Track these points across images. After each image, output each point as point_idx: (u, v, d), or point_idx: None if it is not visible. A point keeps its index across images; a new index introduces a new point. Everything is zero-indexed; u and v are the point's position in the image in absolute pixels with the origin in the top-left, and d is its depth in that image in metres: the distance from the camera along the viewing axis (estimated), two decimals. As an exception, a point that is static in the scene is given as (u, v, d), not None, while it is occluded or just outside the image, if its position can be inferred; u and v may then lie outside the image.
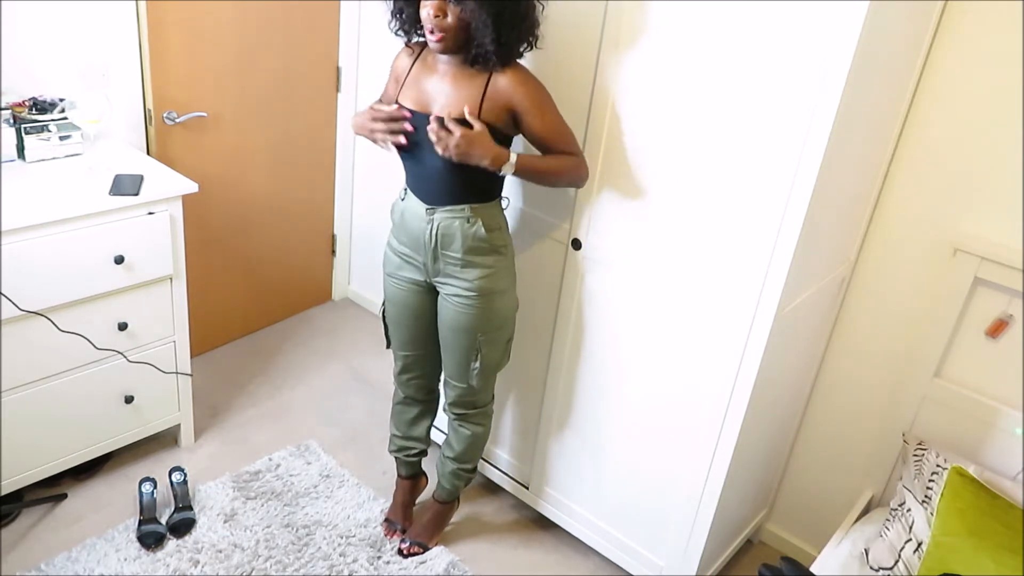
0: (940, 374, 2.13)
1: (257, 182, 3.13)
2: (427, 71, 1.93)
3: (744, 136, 1.76)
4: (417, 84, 1.94)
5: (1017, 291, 1.96)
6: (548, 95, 1.90)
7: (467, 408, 2.26)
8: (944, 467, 2.01)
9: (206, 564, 2.27)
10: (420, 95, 1.92)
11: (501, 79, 1.85)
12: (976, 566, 1.78)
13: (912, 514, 2.02)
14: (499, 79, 1.85)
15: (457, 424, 2.30)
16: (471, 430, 2.30)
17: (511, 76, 1.85)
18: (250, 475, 2.60)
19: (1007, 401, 2.04)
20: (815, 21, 1.59)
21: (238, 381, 3.08)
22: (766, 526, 2.64)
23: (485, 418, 2.31)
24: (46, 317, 2.13)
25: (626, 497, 2.28)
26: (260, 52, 2.92)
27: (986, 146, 1.94)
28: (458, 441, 2.32)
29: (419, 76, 1.94)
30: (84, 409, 2.34)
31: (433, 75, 1.92)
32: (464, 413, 2.27)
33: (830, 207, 1.84)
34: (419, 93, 1.93)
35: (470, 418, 2.28)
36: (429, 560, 2.38)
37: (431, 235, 1.99)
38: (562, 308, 2.24)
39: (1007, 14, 1.83)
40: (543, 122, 1.89)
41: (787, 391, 2.23)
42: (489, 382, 2.23)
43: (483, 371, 2.15)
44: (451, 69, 1.89)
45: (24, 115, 2.28)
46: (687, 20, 1.77)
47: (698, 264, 1.92)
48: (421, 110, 1.91)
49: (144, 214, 2.23)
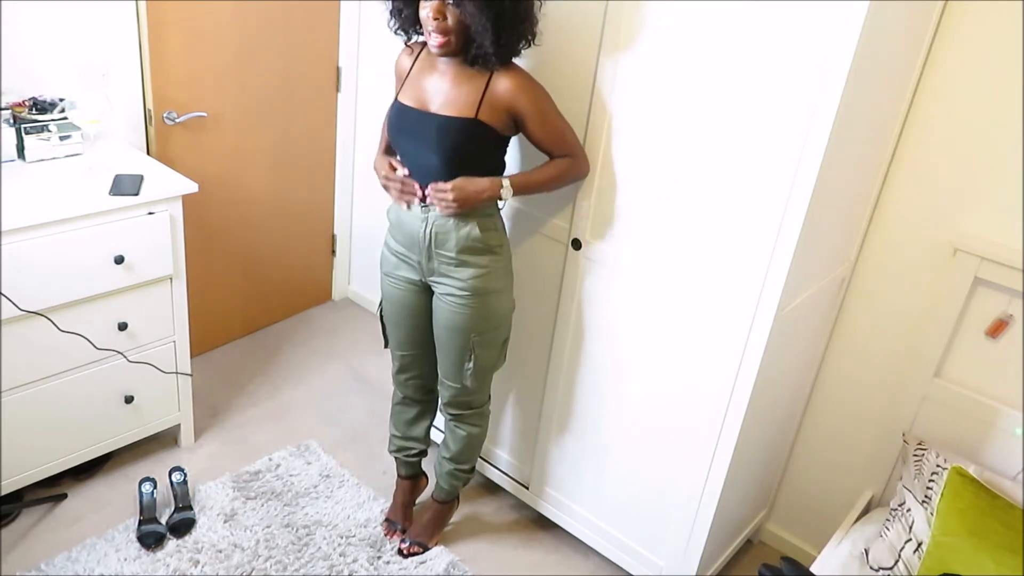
0: (940, 374, 2.13)
1: (257, 182, 3.13)
2: (427, 70, 1.95)
3: (744, 136, 1.76)
4: (417, 83, 1.95)
5: (1017, 291, 1.96)
6: (549, 98, 1.91)
7: (462, 408, 2.25)
8: (944, 467, 2.01)
9: (206, 564, 2.27)
10: (420, 93, 1.94)
11: (501, 82, 1.85)
12: (976, 566, 1.78)
13: (912, 514, 2.02)
14: (499, 81, 1.85)
15: (453, 425, 2.30)
16: (466, 431, 2.29)
17: (512, 80, 1.85)
18: (250, 475, 2.60)
19: (1007, 401, 2.04)
20: (815, 21, 1.59)
21: (238, 381, 3.08)
22: (766, 526, 2.64)
23: (481, 419, 2.31)
24: (46, 317, 2.13)
25: (626, 497, 2.28)
26: (260, 52, 2.92)
27: (986, 146, 1.94)
28: (454, 442, 2.32)
29: (419, 75, 1.96)
30: (84, 409, 2.34)
31: (433, 73, 1.93)
32: (459, 414, 2.26)
33: (830, 207, 1.84)
34: (419, 92, 1.94)
35: (465, 419, 2.28)
36: (429, 560, 2.38)
37: (425, 234, 2.00)
38: (562, 308, 2.24)
39: (1007, 14, 1.83)
40: (545, 129, 1.92)
41: (787, 391, 2.23)
42: (484, 383, 2.23)
43: (477, 371, 2.14)
44: (450, 68, 1.90)
45: (24, 115, 2.28)
46: (687, 20, 1.77)
47: (698, 264, 1.92)
48: (420, 108, 1.93)
49: (144, 214, 2.23)
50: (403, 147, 2.00)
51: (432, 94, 1.92)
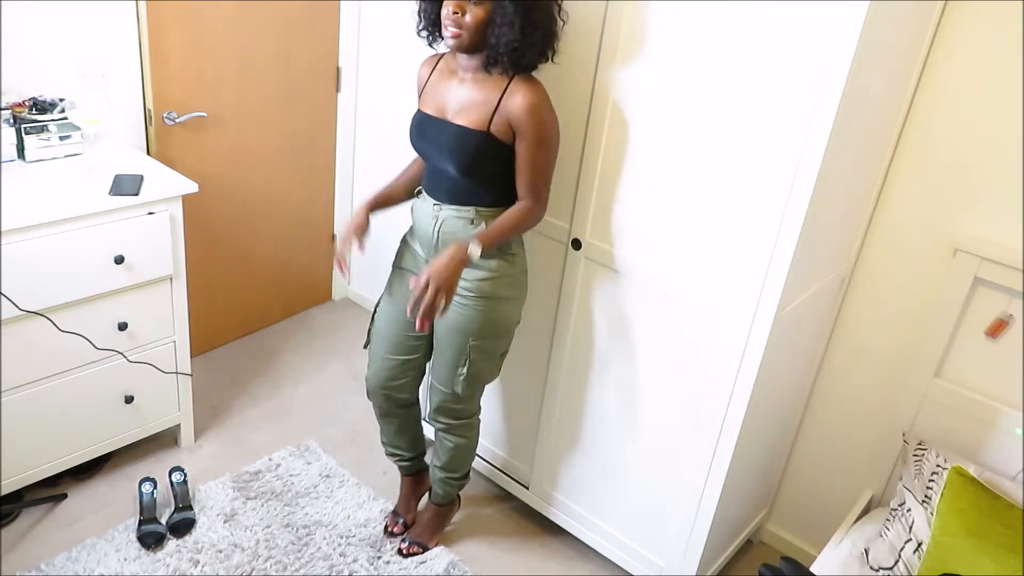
0: (940, 374, 2.13)
1: (257, 182, 3.13)
2: (447, 78, 1.97)
3: (744, 136, 1.76)
4: (436, 91, 1.98)
5: (1017, 291, 1.96)
6: (552, 132, 1.90)
7: (449, 418, 2.22)
8: (944, 467, 2.01)
9: (206, 564, 2.27)
10: (439, 101, 1.97)
11: (516, 98, 1.84)
12: (976, 566, 1.78)
13: (912, 514, 2.02)
14: (514, 97, 1.85)
15: (442, 435, 2.28)
16: (454, 442, 2.27)
17: (524, 98, 1.84)
18: (250, 475, 2.60)
19: (1007, 401, 2.04)
20: (815, 21, 1.59)
21: (238, 381, 3.08)
22: (766, 526, 2.64)
23: (469, 430, 2.28)
24: (46, 317, 2.13)
25: (626, 497, 2.28)
26: (260, 52, 2.92)
27: (986, 146, 1.94)
28: (443, 452, 2.31)
29: (438, 83, 1.99)
30: (84, 409, 2.34)
31: (452, 80, 1.95)
32: (448, 424, 2.23)
33: (830, 207, 1.84)
34: (438, 99, 1.97)
35: (453, 429, 2.25)
36: (429, 560, 2.38)
37: (434, 231, 2.01)
38: (562, 308, 2.24)
39: (1007, 14, 1.83)
40: (528, 158, 1.90)
41: (787, 391, 2.23)
42: (475, 393, 2.20)
43: (469, 379, 2.11)
44: (469, 75, 1.91)
45: (24, 115, 2.28)
46: (687, 20, 1.78)
47: (698, 263, 1.92)
48: (439, 116, 1.96)
49: (144, 214, 2.23)
50: (425, 154, 2.03)
51: (450, 101, 1.94)
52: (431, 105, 1.98)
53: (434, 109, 1.97)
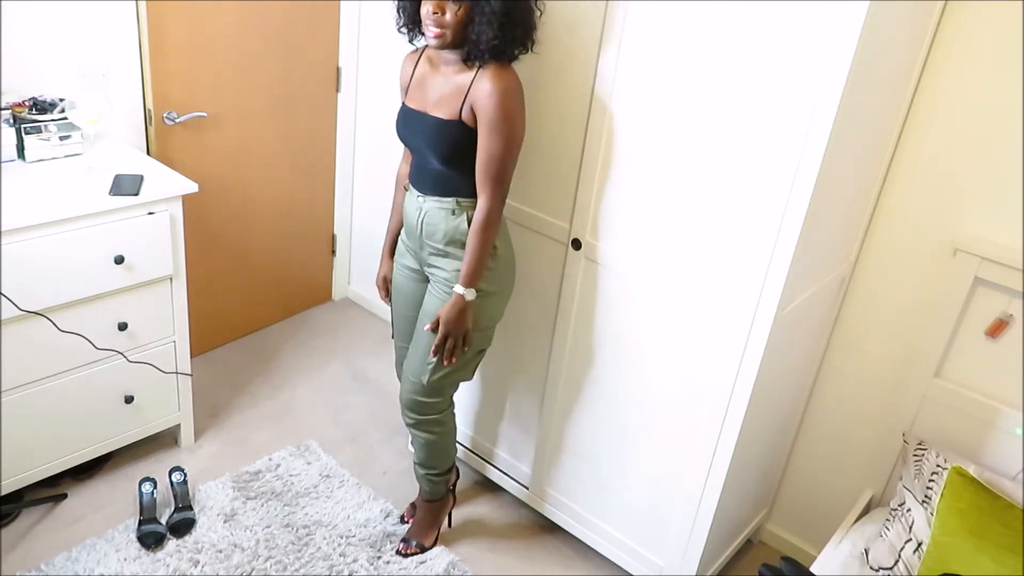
0: (940, 374, 2.13)
1: (257, 182, 3.13)
2: (429, 72, 1.99)
3: (744, 136, 1.76)
4: (419, 86, 2.01)
5: (1017, 291, 1.96)
6: (511, 123, 1.87)
7: (416, 412, 2.21)
8: (944, 467, 2.01)
9: (206, 564, 2.27)
10: (421, 95, 2.00)
11: (483, 84, 1.85)
12: (976, 566, 1.78)
13: (912, 514, 2.02)
14: (482, 83, 1.86)
15: (412, 430, 2.27)
16: (424, 438, 2.26)
17: (489, 83, 1.84)
18: (250, 475, 2.60)
19: (1007, 401, 2.04)
20: (815, 21, 1.59)
21: (238, 381, 3.08)
22: (766, 526, 2.64)
23: (438, 426, 2.25)
24: (46, 317, 2.13)
25: (626, 497, 2.28)
26: (260, 52, 2.92)
27: (986, 146, 1.94)
28: (417, 448, 2.31)
29: (421, 79, 2.01)
30: (84, 409, 2.34)
31: (435, 74, 1.97)
32: (415, 419, 2.22)
33: (830, 207, 1.84)
34: (420, 93, 2.00)
35: (421, 426, 2.23)
36: (429, 560, 2.38)
37: (418, 222, 2.04)
38: (562, 308, 2.24)
39: (1007, 14, 1.83)
40: (483, 142, 1.89)
41: (787, 391, 2.23)
42: (444, 389, 2.19)
43: (437, 368, 2.10)
44: (450, 68, 1.93)
45: (24, 115, 2.28)
46: (687, 20, 1.77)
47: (698, 263, 1.92)
48: (420, 109, 1.98)
49: (144, 214, 2.23)
50: (410, 146, 2.06)
51: (431, 94, 1.97)
52: (414, 99, 2.01)
53: (416, 103, 2.00)
